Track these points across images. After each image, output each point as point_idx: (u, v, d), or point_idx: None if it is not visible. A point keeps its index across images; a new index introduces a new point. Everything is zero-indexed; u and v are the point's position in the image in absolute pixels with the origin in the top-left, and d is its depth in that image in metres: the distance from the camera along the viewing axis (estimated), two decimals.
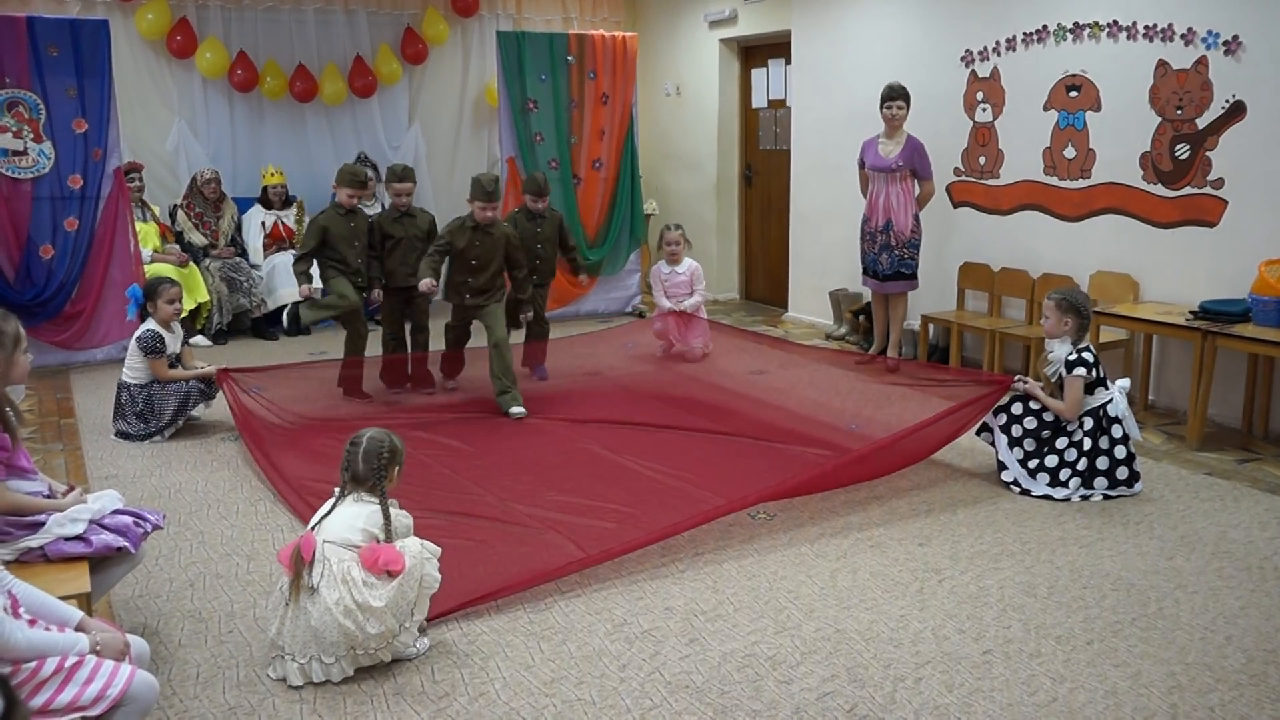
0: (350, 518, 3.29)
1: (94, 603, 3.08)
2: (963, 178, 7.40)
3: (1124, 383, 4.88)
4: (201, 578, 3.98)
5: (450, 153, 10.20)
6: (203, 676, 3.26)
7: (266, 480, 5.01)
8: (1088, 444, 4.73)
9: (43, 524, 3.08)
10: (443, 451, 5.38)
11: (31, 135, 7.22)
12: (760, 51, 9.79)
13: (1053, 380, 4.88)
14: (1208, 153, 5.80)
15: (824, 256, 8.73)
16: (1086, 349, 4.81)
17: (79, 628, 2.56)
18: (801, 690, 3.16)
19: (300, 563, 3.18)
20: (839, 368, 6.85)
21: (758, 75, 9.86)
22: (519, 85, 8.94)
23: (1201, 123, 5.81)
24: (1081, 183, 6.56)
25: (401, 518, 3.40)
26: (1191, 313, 5.55)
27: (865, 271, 7.34)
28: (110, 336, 7.66)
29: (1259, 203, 5.60)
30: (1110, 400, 4.80)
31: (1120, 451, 4.74)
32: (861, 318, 8.04)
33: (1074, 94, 6.53)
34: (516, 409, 6.07)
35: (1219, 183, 5.76)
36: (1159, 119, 6.04)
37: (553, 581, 3.88)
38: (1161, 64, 5.98)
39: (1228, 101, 5.67)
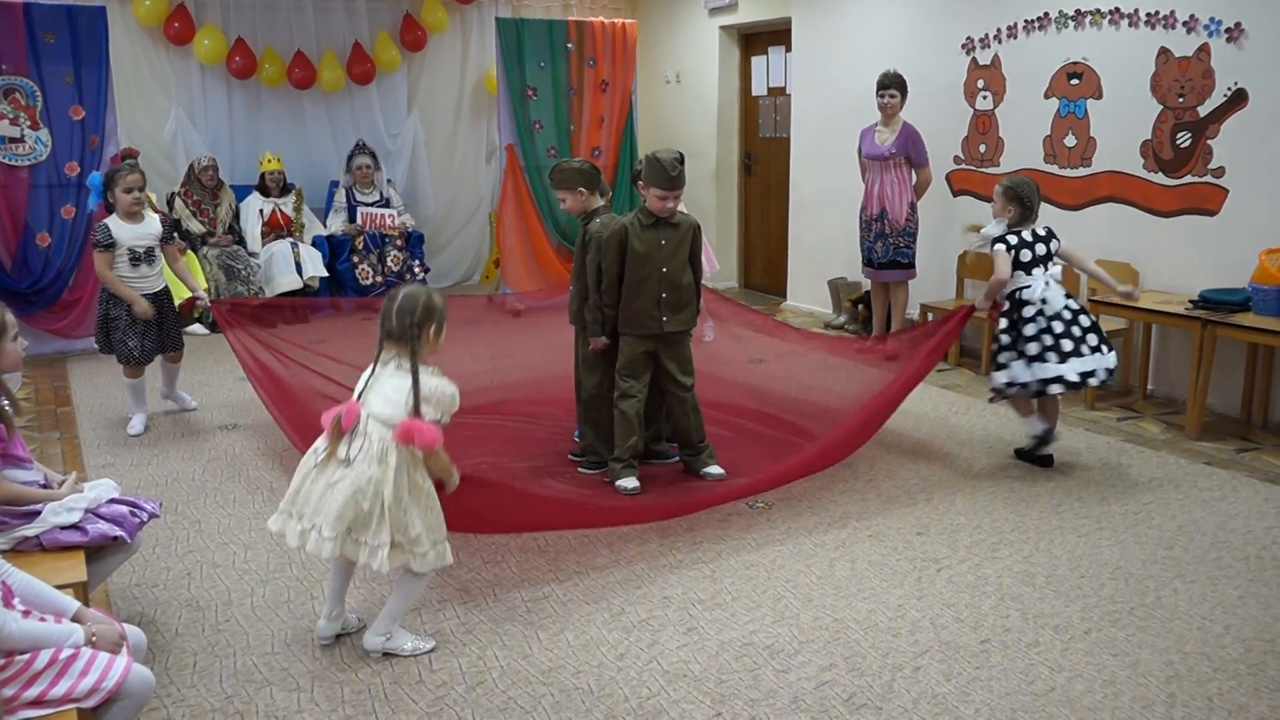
0: (391, 391, 3.11)
1: (90, 591, 3.07)
2: (963, 166, 7.38)
3: (1055, 270, 4.98)
4: (198, 567, 3.98)
5: (449, 140, 10.17)
6: (200, 665, 3.26)
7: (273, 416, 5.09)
8: (1004, 323, 4.94)
9: (38, 513, 3.07)
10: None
11: (28, 122, 7.20)
12: (760, 39, 9.75)
13: (973, 251, 4.97)
14: (1209, 141, 5.77)
15: (823, 245, 8.71)
16: (1016, 233, 4.96)
17: (75, 618, 2.55)
18: (799, 679, 3.16)
19: (339, 431, 3.11)
20: (838, 356, 6.84)
21: (758, 63, 9.82)
22: (518, 72, 8.91)
23: (1203, 111, 5.78)
24: (1082, 171, 6.53)
25: (441, 387, 3.13)
26: (1191, 302, 5.53)
27: (864, 260, 7.34)
28: None
29: (1260, 191, 5.58)
30: (1027, 286, 4.90)
31: (1047, 338, 4.80)
32: (860, 306, 8.03)
33: (1075, 82, 6.51)
34: (629, 482, 4.70)
35: (1220, 171, 5.74)
36: (1160, 107, 6.02)
37: (552, 573, 3.88)
38: (1163, 51, 5.96)
39: (1229, 89, 5.65)
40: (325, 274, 8.83)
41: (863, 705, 3.02)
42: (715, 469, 4.80)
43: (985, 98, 7.14)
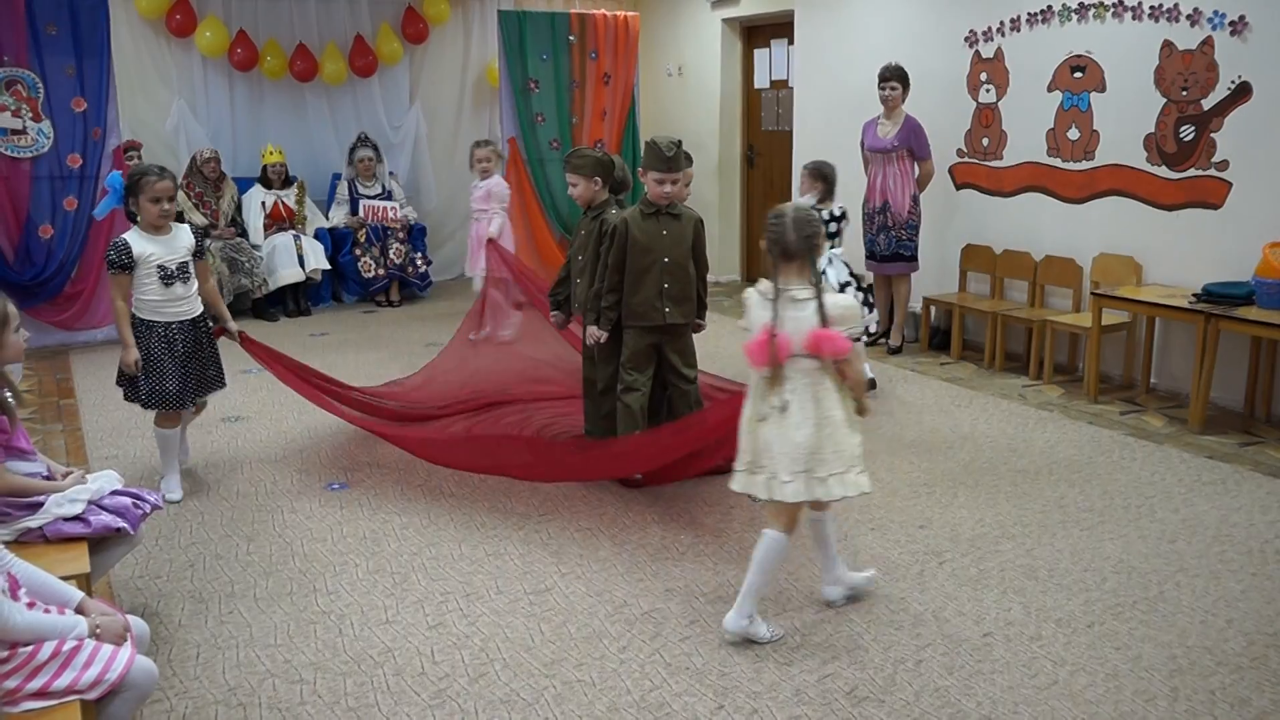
0: (798, 323, 3.16)
1: (93, 583, 3.08)
2: (965, 159, 7.36)
3: (839, 250, 5.82)
4: (201, 558, 3.98)
5: (451, 133, 10.16)
6: (203, 657, 3.27)
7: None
8: None
9: (42, 505, 3.07)
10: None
11: (30, 114, 7.19)
12: (763, 31, 9.73)
13: None
14: (1213, 134, 5.76)
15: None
16: (819, 210, 5.41)
17: (79, 610, 2.55)
18: (802, 672, 3.16)
19: (776, 364, 3.15)
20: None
21: (760, 56, 9.80)
22: (520, 65, 8.90)
23: (1207, 104, 5.77)
24: (1085, 164, 6.52)
25: (842, 300, 3.26)
26: (1195, 295, 5.52)
27: (866, 253, 7.33)
28: (110, 317, 7.59)
29: (1264, 185, 5.56)
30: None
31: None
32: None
33: (1078, 75, 6.49)
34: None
35: (1223, 165, 5.73)
36: (1164, 100, 6.00)
37: (554, 566, 3.89)
38: (1167, 44, 5.94)
39: (1233, 83, 5.63)
40: (327, 266, 8.85)
41: (865, 698, 3.02)
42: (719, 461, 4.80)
43: (988, 91, 7.13)
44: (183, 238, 4.48)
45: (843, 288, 5.67)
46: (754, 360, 3.20)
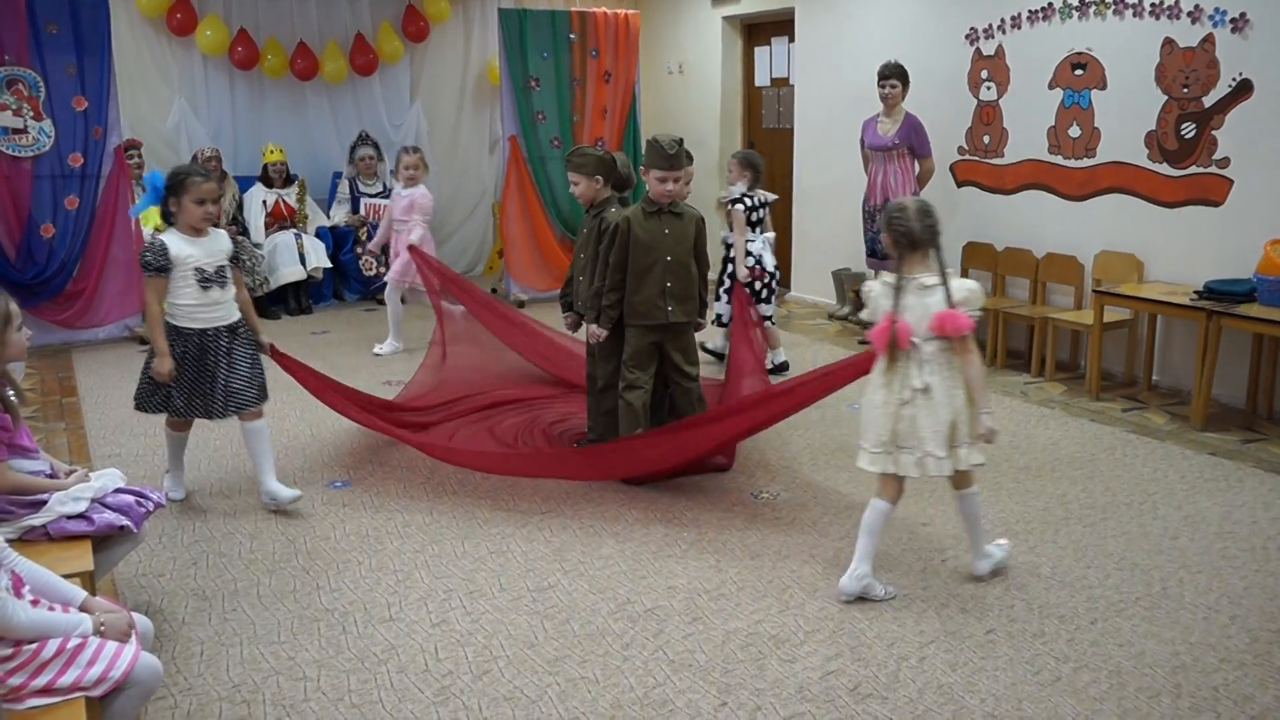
0: (924, 309, 3.42)
1: (97, 581, 3.08)
2: (967, 157, 7.36)
3: (770, 235, 6.46)
4: (204, 556, 3.98)
5: (452, 131, 10.15)
6: (206, 654, 3.27)
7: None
8: (728, 268, 6.40)
9: (45, 503, 3.08)
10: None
11: (31, 113, 7.19)
12: (763, 29, 9.73)
13: (724, 205, 6.65)
14: (1214, 131, 5.76)
15: (827, 236, 8.70)
16: (751, 196, 6.32)
17: (83, 608, 2.55)
18: (805, 669, 3.16)
19: (896, 348, 3.40)
20: (842, 346, 6.84)
21: (760, 53, 9.80)
22: (521, 63, 8.88)
23: (1208, 101, 5.77)
24: (1086, 162, 6.52)
25: (968, 285, 3.48)
26: (1196, 293, 5.53)
27: (868, 251, 7.33)
28: (112, 315, 7.65)
29: (1265, 182, 5.56)
30: (752, 241, 6.32)
31: (761, 289, 6.34)
32: None
33: (1079, 72, 6.49)
34: None
35: (1225, 162, 5.73)
36: (1165, 97, 6.00)
37: (557, 563, 3.89)
38: (1168, 42, 5.94)
39: (1234, 80, 5.63)
40: (329, 265, 8.85)
41: (868, 695, 3.02)
42: (719, 458, 4.81)
43: (989, 88, 7.12)
44: (221, 241, 4.27)
45: (773, 273, 6.39)
46: (878, 345, 3.47)
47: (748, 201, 6.28)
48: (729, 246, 6.42)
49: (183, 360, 4.17)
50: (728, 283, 6.36)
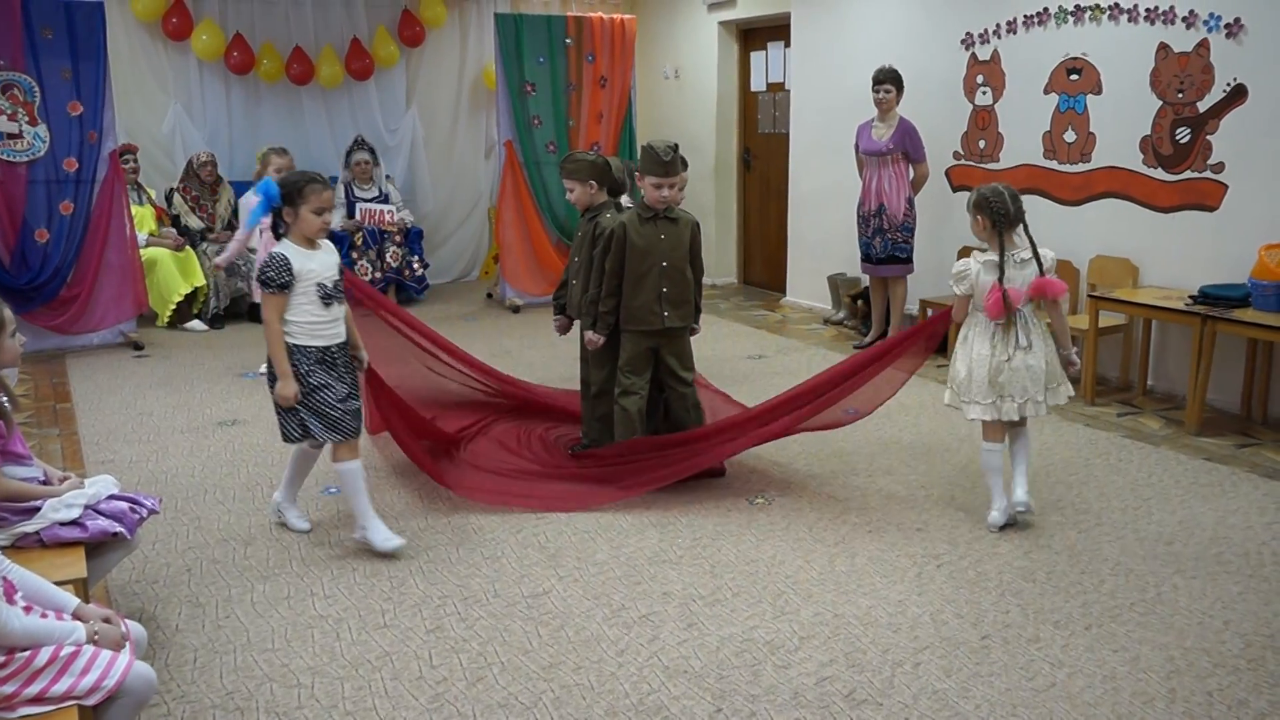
0: (1024, 279, 4.02)
1: (90, 588, 3.07)
2: (962, 161, 7.37)
3: None
4: (198, 563, 3.98)
5: (448, 136, 10.17)
6: (200, 662, 3.26)
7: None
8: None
9: (38, 509, 3.07)
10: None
11: (26, 118, 7.18)
12: (759, 34, 9.74)
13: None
14: (1208, 136, 5.77)
15: (822, 241, 8.71)
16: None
17: (76, 615, 2.54)
18: (799, 675, 3.16)
19: (1010, 310, 3.98)
20: (837, 351, 6.84)
21: (756, 58, 9.81)
22: (517, 68, 8.89)
23: (1202, 106, 5.78)
24: (1081, 166, 6.53)
25: (1050, 253, 4.09)
26: (1191, 297, 5.53)
27: (862, 256, 7.34)
28: (106, 320, 7.63)
29: (1259, 187, 5.57)
30: None
31: None
32: (860, 302, 8.02)
33: (1074, 77, 6.50)
34: None
35: (1219, 167, 5.74)
36: (1160, 102, 6.01)
37: (551, 570, 3.89)
38: (1162, 47, 5.95)
39: (1229, 85, 5.64)
40: None
41: (863, 701, 3.02)
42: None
43: (985, 93, 7.14)
44: (332, 253, 4.02)
45: None
46: (994, 314, 4.00)
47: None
48: None
49: (306, 380, 3.89)
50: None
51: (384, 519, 4.34)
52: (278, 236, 3.97)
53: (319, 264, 3.91)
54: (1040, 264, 4.03)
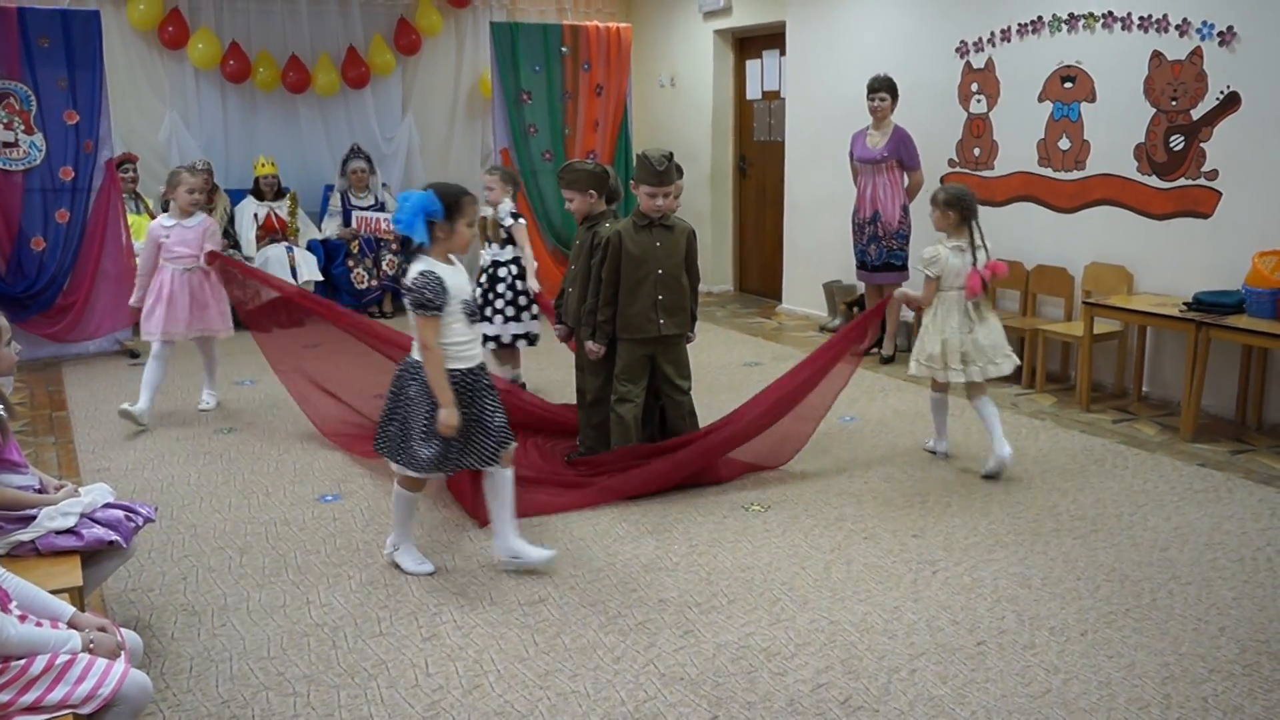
0: (981, 263, 4.82)
1: (86, 596, 3.07)
2: (957, 169, 7.39)
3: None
4: (194, 571, 3.97)
5: (444, 144, 10.17)
6: (196, 670, 3.26)
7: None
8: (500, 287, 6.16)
9: (34, 518, 3.06)
10: None
11: (22, 127, 7.19)
12: (754, 43, 9.77)
13: (496, 223, 6.16)
14: (1202, 144, 5.79)
15: (818, 248, 8.72)
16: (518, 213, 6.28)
17: (72, 624, 2.54)
18: (796, 682, 3.16)
19: (986, 288, 4.82)
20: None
21: (752, 67, 9.84)
22: (513, 76, 8.91)
23: (1196, 114, 5.80)
24: (1076, 174, 6.55)
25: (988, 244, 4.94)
26: (1185, 304, 5.55)
27: (858, 263, 7.36)
28: (102, 329, 7.63)
29: (1253, 194, 5.59)
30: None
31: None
32: (855, 309, 8.03)
33: (1069, 85, 6.53)
34: None
35: (1213, 174, 5.76)
36: (1153, 110, 6.03)
37: (547, 577, 3.89)
38: (1156, 55, 5.98)
39: (1222, 93, 5.67)
40: (320, 278, 8.83)
41: (859, 708, 3.02)
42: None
43: (979, 101, 7.16)
44: (462, 269, 3.77)
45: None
46: (975, 291, 4.78)
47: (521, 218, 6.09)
48: (498, 265, 6.02)
49: (460, 405, 3.65)
50: (512, 298, 5.98)
51: (378, 527, 4.35)
52: (422, 252, 3.64)
53: (462, 279, 3.70)
54: (987, 250, 4.87)
